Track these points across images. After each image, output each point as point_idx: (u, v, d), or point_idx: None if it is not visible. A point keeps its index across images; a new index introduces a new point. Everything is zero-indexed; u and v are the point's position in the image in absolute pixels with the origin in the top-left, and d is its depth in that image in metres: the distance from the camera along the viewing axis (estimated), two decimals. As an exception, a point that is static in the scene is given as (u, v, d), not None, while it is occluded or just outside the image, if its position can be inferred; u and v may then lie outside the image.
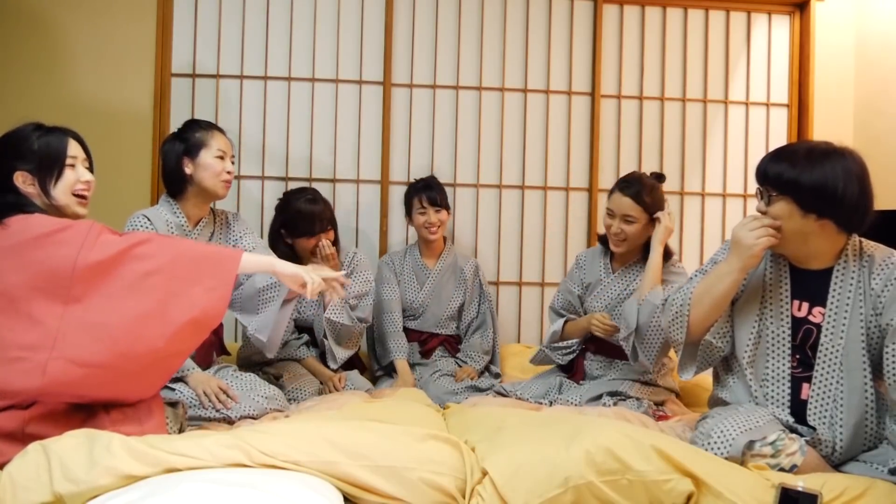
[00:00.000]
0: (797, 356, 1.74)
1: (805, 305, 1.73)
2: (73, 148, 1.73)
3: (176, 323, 1.57)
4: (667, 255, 2.30)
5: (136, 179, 3.08)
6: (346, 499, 1.40)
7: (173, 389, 1.99)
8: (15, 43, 3.02)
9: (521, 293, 3.36)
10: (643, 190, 2.27)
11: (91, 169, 1.78)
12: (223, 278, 1.65)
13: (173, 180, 2.18)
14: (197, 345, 1.74)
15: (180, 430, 1.83)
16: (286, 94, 3.23)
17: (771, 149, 3.23)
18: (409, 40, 3.28)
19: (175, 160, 2.16)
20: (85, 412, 1.58)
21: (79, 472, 1.29)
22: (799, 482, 1.41)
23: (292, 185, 3.10)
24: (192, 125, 2.22)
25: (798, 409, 1.71)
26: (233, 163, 2.21)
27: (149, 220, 2.10)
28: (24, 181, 1.66)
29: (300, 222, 2.53)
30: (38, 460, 1.32)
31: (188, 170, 2.15)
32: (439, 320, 2.87)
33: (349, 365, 2.70)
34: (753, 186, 3.40)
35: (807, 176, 1.62)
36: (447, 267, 2.90)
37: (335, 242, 2.61)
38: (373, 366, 2.87)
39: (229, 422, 1.98)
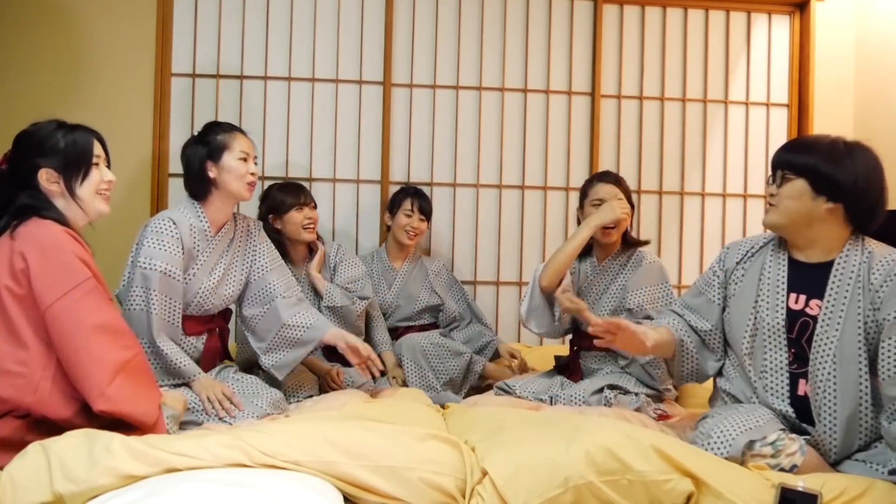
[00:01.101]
0: (793, 350, 1.75)
1: (802, 298, 1.75)
2: (98, 147, 1.74)
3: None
4: (631, 243, 2.45)
5: (137, 179, 3.08)
6: (346, 499, 1.40)
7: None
8: (14, 42, 3.02)
9: (521, 293, 3.35)
10: (616, 177, 2.47)
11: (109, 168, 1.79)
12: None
13: (197, 184, 2.16)
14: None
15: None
16: (286, 94, 3.22)
17: (771, 149, 3.25)
18: (409, 40, 3.28)
19: (198, 164, 2.14)
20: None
21: (79, 472, 1.29)
22: (799, 482, 1.42)
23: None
24: (214, 127, 2.19)
25: (796, 404, 1.72)
26: (256, 163, 2.20)
27: (174, 223, 2.08)
28: (48, 178, 1.66)
29: (285, 198, 2.62)
30: (38, 460, 1.32)
31: (212, 173, 2.13)
32: (410, 316, 2.93)
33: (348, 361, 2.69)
34: (753, 186, 3.43)
35: (826, 162, 1.67)
36: (413, 267, 2.98)
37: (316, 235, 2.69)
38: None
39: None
